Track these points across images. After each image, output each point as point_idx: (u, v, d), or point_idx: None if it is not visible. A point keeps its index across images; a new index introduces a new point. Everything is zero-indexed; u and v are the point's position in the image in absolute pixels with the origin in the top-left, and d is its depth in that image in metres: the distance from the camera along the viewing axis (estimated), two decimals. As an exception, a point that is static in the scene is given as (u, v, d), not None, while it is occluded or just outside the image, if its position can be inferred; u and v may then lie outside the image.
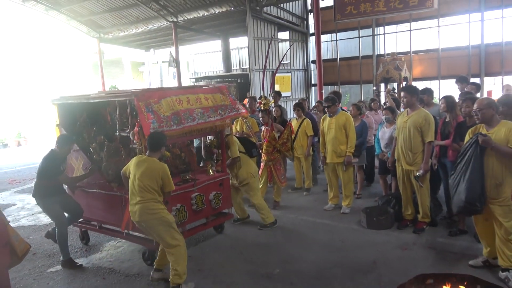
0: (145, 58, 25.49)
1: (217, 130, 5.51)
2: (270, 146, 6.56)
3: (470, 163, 3.90)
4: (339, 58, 16.39)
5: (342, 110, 6.53)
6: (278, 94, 9.14)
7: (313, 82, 17.97)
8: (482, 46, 13.02)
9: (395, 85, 12.16)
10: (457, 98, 5.75)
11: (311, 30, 17.33)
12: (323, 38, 15.26)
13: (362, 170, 7.23)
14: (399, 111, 6.19)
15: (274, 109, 7.82)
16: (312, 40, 17.38)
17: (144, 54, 24.58)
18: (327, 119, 6.32)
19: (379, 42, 15.71)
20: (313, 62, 17.61)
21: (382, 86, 13.09)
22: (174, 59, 17.74)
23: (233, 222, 6.18)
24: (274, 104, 7.79)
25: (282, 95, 10.93)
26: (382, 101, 10.29)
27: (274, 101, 7.39)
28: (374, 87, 13.00)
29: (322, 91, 12.02)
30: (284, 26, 16.69)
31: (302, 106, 7.57)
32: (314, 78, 17.63)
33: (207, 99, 5.29)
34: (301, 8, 17.54)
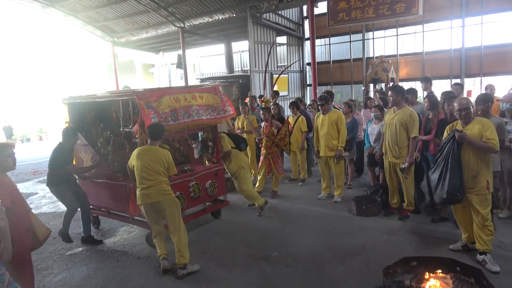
0: (155, 60, 25.42)
1: (211, 125, 5.56)
2: (269, 141, 6.57)
3: (448, 158, 3.91)
4: (332, 61, 16.34)
5: (335, 108, 6.53)
6: (276, 94, 9.11)
7: (308, 83, 17.93)
8: (463, 50, 12.98)
9: (383, 85, 12.13)
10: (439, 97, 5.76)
11: (307, 35, 17.29)
12: (317, 42, 15.23)
13: (352, 163, 7.22)
14: (386, 109, 6.17)
15: (272, 107, 7.79)
16: (307, 44, 17.32)
17: (154, 57, 24.51)
18: (321, 116, 6.31)
19: (369, 46, 15.65)
20: (308, 64, 17.55)
21: (371, 86, 13.07)
22: (181, 61, 17.68)
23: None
24: (273, 102, 7.77)
25: (280, 95, 10.90)
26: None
27: (273, 100, 7.35)
28: (363, 87, 12.98)
29: (316, 91, 12.00)
30: (281, 31, 16.63)
31: (297, 105, 7.54)
32: (309, 79, 17.59)
33: (202, 98, 5.34)
34: (297, 14, 17.48)
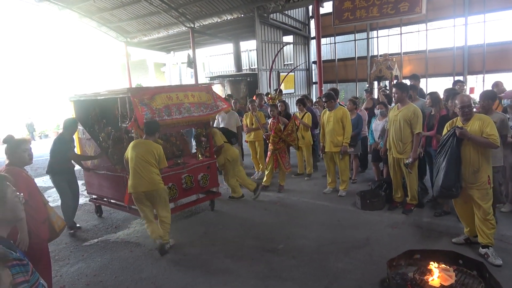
0: (166, 59, 25.47)
1: (203, 121, 5.71)
2: (277, 136, 6.53)
3: (447, 154, 3.85)
4: (337, 59, 16.23)
5: (340, 105, 6.46)
6: (280, 92, 9.05)
7: (314, 80, 17.84)
8: (465, 48, 12.79)
9: (387, 82, 12.00)
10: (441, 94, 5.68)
11: (312, 34, 17.18)
12: (323, 41, 15.10)
13: (357, 158, 7.16)
14: (390, 106, 6.11)
15: (279, 104, 7.76)
16: (313, 43, 17.22)
17: (165, 56, 24.57)
18: (327, 113, 6.25)
19: (373, 45, 15.50)
20: (314, 62, 17.46)
21: (375, 83, 12.93)
22: (191, 61, 17.69)
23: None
24: (279, 100, 7.73)
25: (283, 93, 10.86)
26: (375, 97, 10.15)
27: (280, 97, 7.30)
28: (367, 85, 12.86)
29: (322, 88, 11.92)
30: (288, 31, 16.56)
31: (303, 102, 7.48)
32: (315, 76, 17.49)
33: (194, 96, 5.48)
34: (303, 14, 17.37)
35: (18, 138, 3.43)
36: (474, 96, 9.88)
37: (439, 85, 12.33)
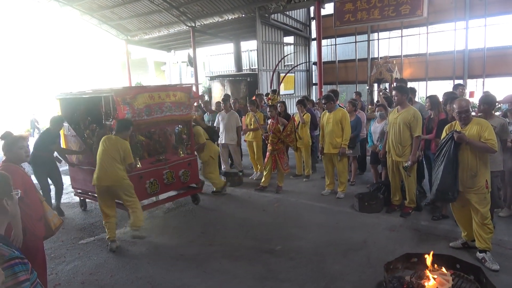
0: (166, 58, 25.46)
1: (184, 120, 6.00)
2: (275, 137, 6.52)
3: (444, 157, 3.84)
4: (338, 61, 16.21)
5: (340, 107, 6.45)
6: (274, 92, 9.02)
7: (314, 82, 17.82)
8: (466, 51, 12.79)
9: (387, 85, 11.99)
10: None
11: (313, 35, 17.16)
12: (324, 42, 15.12)
13: (356, 160, 7.15)
14: (390, 109, 6.10)
15: (278, 105, 7.74)
16: (313, 44, 17.19)
17: (165, 55, 24.54)
18: (326, 114, 6.25)
19: (374, 47, 15.48)
20: (314, 63, 17.43)
21: (375, 86, 12.93)
22: (191, 60, 17.67)
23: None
24: (278, 100, 7.71)
25: (281, 93, 10.85)
26: (375, 99, 10.16)
27: (278, 98, 7.29)
28: (367, 87, 12.86)
29: (322, 90, 11.92)
30: (289, 31, 16.53)
31: (304, 103, 7.47)
32: (315, 78, 17.48)
33: (175, 96, 5.75)
34: (304, 15, 17.35)
35: (15, 135, 3.40)
36: (474, 100, 9.88)
37: (439, 88, 12.33)
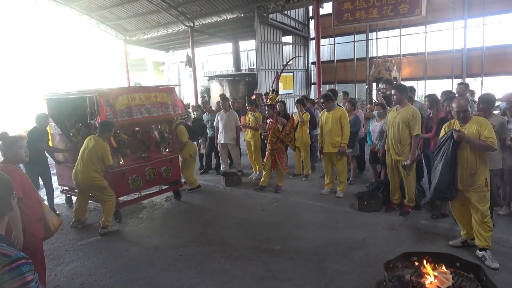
0: (165, 58, 25.42)
1: (163, 120, 6.23)
2: (275, 137, 6.51)
3: (443, 156, 3.84)
4: (336, 60, 16.23)
5: (339, 106, 6.45)
6: (274, 92, 9.00)
7: (312, 81, 17.83)
8: (464, 50, 12.81)
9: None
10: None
11: (312, 34, 17.17)
12: (322, 42, 15.12)
13: (355, 159, 7.15)
14: (389, 108, 6.10)
15: (278, 104, 7.73)
16: (312, 43, 17.22)
17: (164, 55, 24.51)
18: (325, 114, 6.24)
19: (372, 46, 15.51)
20: (313, 63, 17.46)
21: (374, 85, 12.93)
22: (190, 60, 17.66)
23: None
24: (277, 100, 7.70)
25: (279, 93, 10.81)
26: (374, 98, 10.16)
27: (278, 97, 7.27)
28: (366, 86, 12.87)
29: (321, 89, 11.92)
30: (288, 31, 16.54)
31: (303, 102, 7.47)
32: (313, 77, 17.49)
33: (156, 97, 5.97)
34: (303, 15, 17.36)
35: (13, 135, 3.39)
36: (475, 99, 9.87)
37: (438, 87, 12.33)
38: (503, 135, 4.41)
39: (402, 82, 12.40)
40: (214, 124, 7.91)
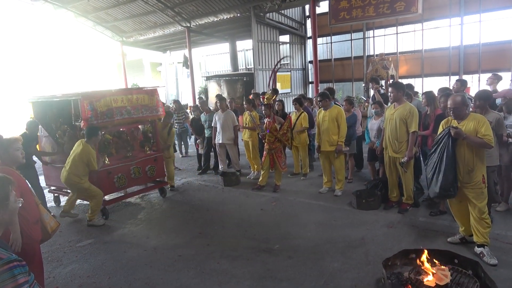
0: (162, 59, 25.37)
1: (149, 121, 6.52)
2: (272, 136, 6.51)
3: (443, 154, 3.84)
4: (334, 59, 16.23)
5: (335, 104, 6.45)
6: (275, 92, 9.01)
7: (310, 80, 17.83)
8: (461, 47, 12.83)
9: (383, 82, 12.01)
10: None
11: (309, 33, 17.18)
12: (319, 40, 15.12)
13: (352, 158, 7.15)
14: (386, 105, 6.10)
15: (277, 103, 7.74)
16: (309, 42, 17.23)
17: (161, 56, 24.46)
18: (322, 112, 6.24)
19: (369, 44, 15.53)
20: (310, 62, 17.47)
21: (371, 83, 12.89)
22: (187, 61, 17.63)
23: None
24: (273, 100, 7.70)
25: (279, 92, 10.80)
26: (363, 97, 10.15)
27: (274, 97, 7.28)
28: (364, 84, 12.88)
29: (318, 88, 11.91)
30: (284, 30, 16.55)
31: (300, 101, 7.47)
32: (311, 76, 17.50)
33: (138, 99, 6.21)
34: (299, 14, 17.36)
35: (8, 137, 3.38)
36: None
37: (435, 84, 12.35)
38: (500, 132, 4.42)
39: (400, 80, 12.43)
40: (212, 124, 7.91)
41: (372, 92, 8.90)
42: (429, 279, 3.16)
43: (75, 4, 16.76)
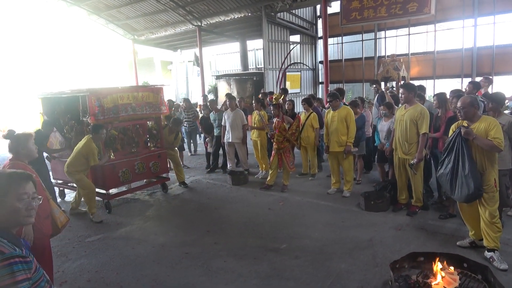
0: (173, 57, 25.51)
1: (154, 117, 6.77)
2: (281, 136, 6.50)
3: (460, 155, 3.78)
4: (344, 59, 16.13)
5: (344, 105, 6.41)
6: (284, 92, 9.00)
7: (320, 80, 17.76)
8: (474, 49, 12.64)
9: (394, 83, 11.90)
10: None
11: (320, 33, 17.10)
12: (330, 41, 15.03)
13: (361, 159, 7.11)
14: (397, 107, 6.05)
15: (287, 103, 7.73)
16: (320, 42, 17.15)
17: (172, 54, 24.60)
18: (331, 113, 6.21)
19: (381, 45, 15.39)
20: (320, 62, 17.38)
21: (382, 84, 12.80)
22: (198, 59, 17.71)
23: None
24: (282, 100, 7.68)
25: (288, 92, 10.74)
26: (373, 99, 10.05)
27: (283, 97, 7.27)
28: (374, 85, 12.76)
29: (328, 88, 11.86)
30: (295, 30, 16.50)
31: (309, 101, 7.44)
32: (321, 76, 17.42)
33: (143, 97, 6.43)
34: (311, 14, 17.29)
35: (23, 132, 3.44)
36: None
37: (447, 86, 12.21)
38: (513, 135, 4.34)
39: (411, 81, 12.30)
40: (222, 123, 7.92)
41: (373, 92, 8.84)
42: (437, 283, 3.13)
43: (88, 2, 16.96)
